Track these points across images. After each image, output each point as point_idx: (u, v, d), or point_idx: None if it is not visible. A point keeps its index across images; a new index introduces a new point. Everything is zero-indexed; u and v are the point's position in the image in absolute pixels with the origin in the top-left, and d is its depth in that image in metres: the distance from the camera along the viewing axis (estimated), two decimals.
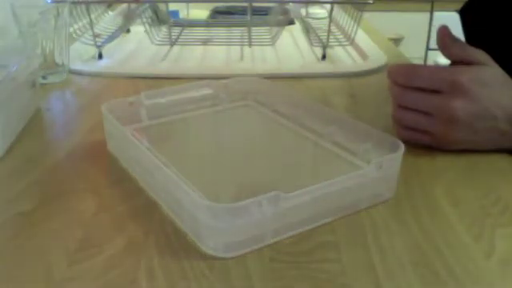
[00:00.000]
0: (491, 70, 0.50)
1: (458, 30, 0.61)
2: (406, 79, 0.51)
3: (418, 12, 2.01)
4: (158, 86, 0.60)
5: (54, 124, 0.61)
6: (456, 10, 0.66)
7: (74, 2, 0.79)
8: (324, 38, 0.87)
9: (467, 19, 0.66)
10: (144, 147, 0.45)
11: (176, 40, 0.91)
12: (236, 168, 0.49)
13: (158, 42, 0.89)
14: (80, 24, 0.86)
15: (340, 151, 0.51)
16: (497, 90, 0.49)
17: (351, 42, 0.90)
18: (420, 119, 0.51)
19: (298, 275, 0.35)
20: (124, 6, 1.11)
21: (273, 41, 0.89)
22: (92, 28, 0.84)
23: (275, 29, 0.91)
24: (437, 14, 1.94)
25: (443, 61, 0.54)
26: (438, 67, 0.52)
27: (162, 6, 0.99)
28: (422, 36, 1.97)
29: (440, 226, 0.41)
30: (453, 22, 0.54)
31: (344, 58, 0.86)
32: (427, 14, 1.95)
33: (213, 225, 0.37)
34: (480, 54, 0.51)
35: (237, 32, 0.98)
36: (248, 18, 0.85)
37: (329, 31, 0.86)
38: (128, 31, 1.01)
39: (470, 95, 0.48)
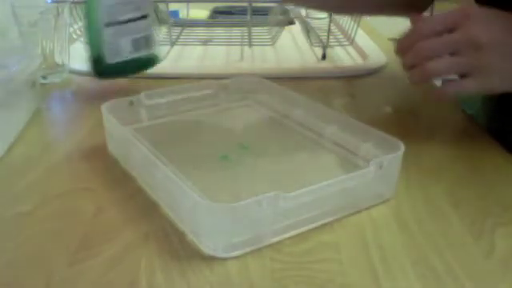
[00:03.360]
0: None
1: None
2: (419, 35, 0.51)
3: None
4: (157, 85, 0.60)
5: (54, 124, 0.61)
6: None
7: (74, 2, 0.79)
8: (324, 38, 0.87)
9: None
10: (144, 147, 0.45)
11: (176, 40, 0.91)
12: (236, 168, 0.49)
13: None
14: (80, 24, 0.86)
15: (340, 151, 0.51)
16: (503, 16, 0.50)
17: (351, 42, 0.90)
18: (451, 62, 0.50)
19: (298, 275, 0.35)
20: None
21: (273, 41, 0.89)
22: None
23: (275, 29, 0.91)
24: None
25: None
26: (440, 14, 0.51)
27: (162, 6, 0.99)
28: None
29: (440, 226, 0.41)
30: None
31: (344, 58, 0.86)
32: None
33: (213, 225, 0.37)
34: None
35: (237, 32, 0.98)
36: (248, 17, 0.85)
37: (329, 31, 0.86)
38: None
39: (484, 21, 0.49)
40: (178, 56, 0.86)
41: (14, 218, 0.42)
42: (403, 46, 0.52)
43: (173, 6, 1.09)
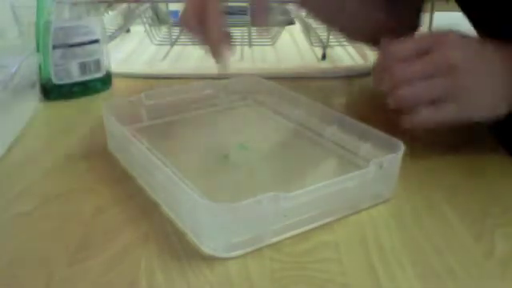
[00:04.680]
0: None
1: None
2: (392, 59, 0.50)
3: None
4: (158, 85, 0.60)
5: (54, 124, 0.61)
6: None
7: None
8: (324, 37, 0.87)
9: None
10: (144, 147, 0.45)
11: (176, 40, 0.91)
12: (236, 168, 0.49)
13: (157, 42, 0.89)
14: None
15: (340, 151, 0.51)
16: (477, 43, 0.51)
17: None
18: (426, 85, 0.48)
19: (298, 275, 0.35)
20: (124, 5, 1.11)
21: (273, 41, 0.89)
22: None
23: (275, 29, 0.91)
24: (437, 14, 1.94)
25: None
26: (412, 38, 0.51)
27: (162, 6, 0.99)
28: None
29: (440, 226, 0.41)
30: (453, 22, 0.54)
31: (344, 58, 0.86)
32: (427, 14, 1.95)
33: (213, 224, 0.37)
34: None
35: (237, 32, 0.98)
36: (248, 17, 0.85)
37: (329, 31, 0.86)
38: (128, 31, 1.01)
39: (458, 46, 0.48)
40: (177, 56, 0.86)
41: (14, 218, 0.42)
42: (378, 70, 0.52)
43: (173, 6, 1.09)
